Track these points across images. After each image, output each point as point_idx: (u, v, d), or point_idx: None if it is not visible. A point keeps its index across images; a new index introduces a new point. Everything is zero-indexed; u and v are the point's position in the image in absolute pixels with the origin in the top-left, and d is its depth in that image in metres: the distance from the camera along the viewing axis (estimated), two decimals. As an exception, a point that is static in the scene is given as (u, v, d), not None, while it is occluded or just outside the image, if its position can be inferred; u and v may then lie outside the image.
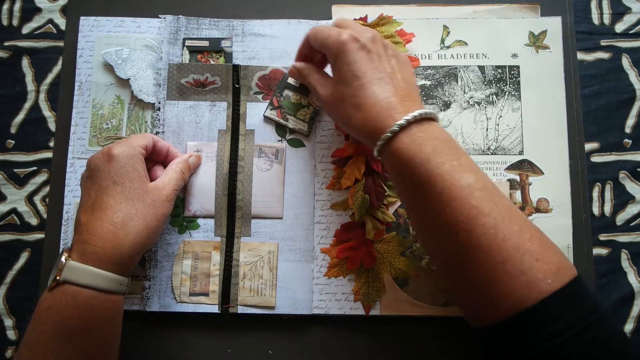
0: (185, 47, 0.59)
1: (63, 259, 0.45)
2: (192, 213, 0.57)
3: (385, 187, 0.57)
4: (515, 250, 0.38)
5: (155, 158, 0.55)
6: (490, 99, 0.59)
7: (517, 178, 0.58)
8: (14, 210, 0.60)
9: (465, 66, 0.60)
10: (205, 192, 0.57)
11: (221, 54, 0.60)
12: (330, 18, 0.61)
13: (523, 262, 0.38)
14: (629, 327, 0.58)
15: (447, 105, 0.59)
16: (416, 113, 0.43)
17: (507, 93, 0.59)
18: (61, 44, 0.62)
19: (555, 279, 0.38)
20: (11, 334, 0.58)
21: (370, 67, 0.46)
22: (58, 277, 0.44)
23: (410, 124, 0.43)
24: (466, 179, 0.41)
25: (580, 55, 0.63)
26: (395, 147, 0.43)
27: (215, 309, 0.56)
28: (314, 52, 0.53)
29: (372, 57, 0.47)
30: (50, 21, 0.64)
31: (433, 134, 0.43)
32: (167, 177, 0.52)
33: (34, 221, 0.60)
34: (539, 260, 0.38)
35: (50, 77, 0.63)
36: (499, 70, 0.60)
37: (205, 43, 0.60)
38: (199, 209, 0.57)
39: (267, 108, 0.59)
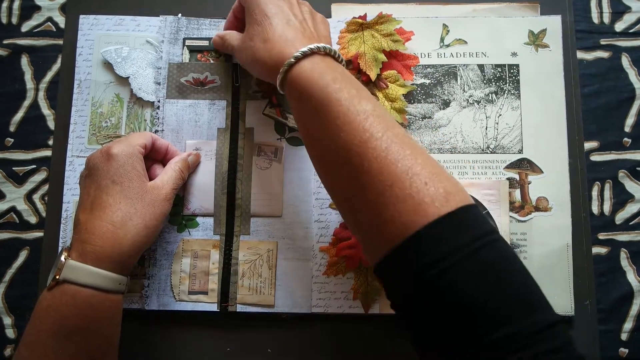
0: (185, 47, 0.59)
1: (62, 258, 0.45)
2: (191, 211, 0.57)
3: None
4: (404, 173, 0.38)
5: (154, 156, 0.55)
6: (490, 98, 0.59)
7: (517, 177, 0.58)
8: (13, 209, 0.60)
9: (464, 65, 0.60)
10: (204, 191, 0.57)
11: (221, 54, 0.60)
12: (329, 16, 0.61)
13: (412, 185, 0.37)
14: (628, 325, 0.58)
15: (446, 104, 0.59)
16: (320, 45, 0.45)
17: (506, 92, 0.59)
18: (60, 42, 0.62)
19: (444, 204, 0.37)
20: (10, 333, 0.58)
21: (280, 9, 0.48)
22: (57, 277, 0.44)
23: (313, 53, 0.45)
24: (363, 105, 0.41)
25: (580, 54, 0.63)
26: (296, 72, 0.44)
27: (214, 308, 0.56)
28: (243, 13, 0.54)
29: (283, 3, 0.49)
30: (50, 19, 0.64)
31: (334, 66, 0.45)
32: (166, 176, 0.52)
33: (33, 219, 0.60)
34: (428, 184, 0.37)
35: (49, 75, 0.63)
36: (499, 69, 0.60)
37: (206, 43, 0.60)
38: (198, 208, 0.57)
39: (266, 106, 0.59)
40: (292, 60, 0.44)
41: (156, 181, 0.51)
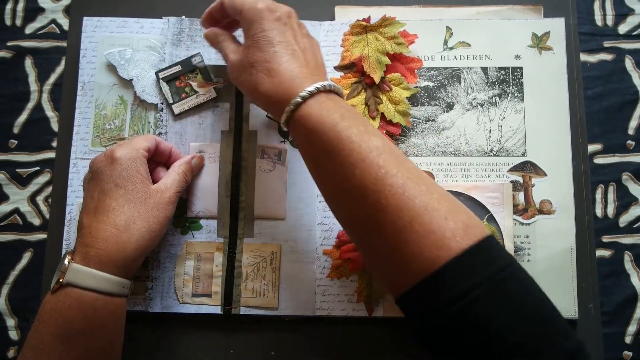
0: (160, 80, 0.59)
1: (66, 261, 0.45)
2: (194, 214, 0.57)
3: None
4: (423, 209, 0.38)
5: (158, 159, 0.55)
6: (494, 101, 0.59)
7: (520, 179, 0.58)
8: (16, 210, 0.60)
9: (468, 67, 0.60)
10: (208, 193, 0.57)
11: (197, 72, 0.59)
12: (333, 19, 0.61)
13: (432, 220, 0.38)
14: (632, 328, 0.58)
15: (450, 107, 0.59)
16: (325, 83, 0.44)
17: (510, 94, 0.59)
18: (64, 44, 0.62)
19: (465, 237, 0.37)
20: (13, 334, 0.58)
21: (285, 39, 0.47)
22: (61, 280, 0.44)
23: (319, 92, 0.44)
24: (374, 142, 0.41)
25: (584, 57, 0.63)
26: (304, 112, 0.43)
27: (217, 310, 0.56)
28: (223, 17, 0.53)
29: (287, 30, 0.48)
30: (54, 21, 0.64)
31: (339, 103, 0.45)
32: (170, 179, 0.52)
33: (36, 221, 0.60)
34: (448, 218, 0.38)
35: (53, 77, 0.63)
36: (502, 72, 0.60)
37: (178, 68, 0.59)
38: (201, 210, 0.57)
39: (270, 109, 0.59)
40: (299, 99, 0.44)
41: (160, 184, 0.51)
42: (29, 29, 0.63)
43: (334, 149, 0.41)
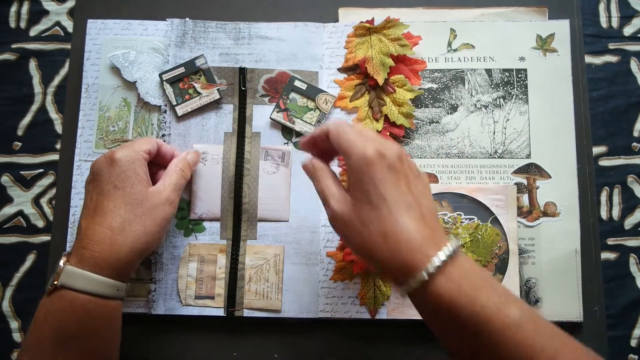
0: (164, 82, 0.59)
1: (61, 263, 0.45)
2: (198, 216, 0.57)
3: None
4: None
5: (161, 162, 0.55)
6: (498, 103, 0.59)
7: (525, 182, 0.57)
8: (20, 213, 0.60)
9: (472, 69, 0.60)
10: (211, 195, 0.57)
11: (200, 74, 0.59)
12: (337, 21, 0.61)
13: None
14: (637, 332, 0.58)
15: (454, 109, 0.59)
16: (449, 251, 0.39)
17: (514, 96, 0.59)
18: (68, 46, 0.63)
19: None
20: (17, 337, 0.58)
21: (399, 192, 0.41)
22: (56, 282, 0.44)
23: (445, 263, 0.39)
24: (513, 314, 0.37)
25: (588, 59, 0.62)
26: (433, 289, 0.38)
27: (220, 312, 0.56)
28: (326, 148, 0.47)
29: (400, 178, 0.42)
30: (58, 24, 0.64)
31: (465, 268, 0.40)
32: (168, 179, 0.52)
33: (40, 223, 0.60)
34: None
35: (57, 80, 0.63)
36: (507, 74, 0.59)
37: (181, 70, 0.59)
38: (205, 212, 0.57)
39: (273, 110, 0.59)
40: (425, 276, 0.38)
41: (158, 185, 0.51)
42: (33, 31, 0.64)
43: (473, 329, 0.37)
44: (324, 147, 0.47)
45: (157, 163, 0.55)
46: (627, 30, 0.63)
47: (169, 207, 0.50)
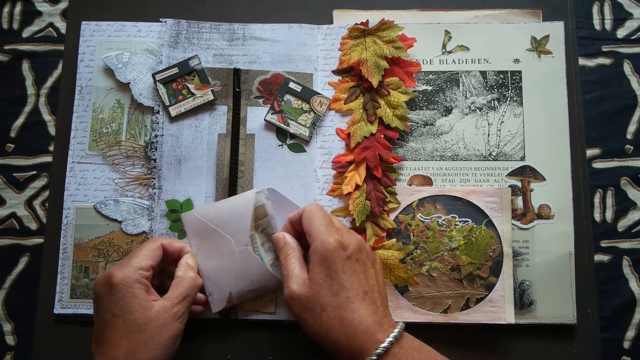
0: (157, 82, 0.58)
1: None
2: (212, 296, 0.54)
3: (386, 194, 0.56)
4: None
5: (170, 259, 0.53)
6: (492, 105, 0.59)
7: (519, 184, 0.58)
8: (13, 215, 0.60)
9: (466, 71, 0.60)
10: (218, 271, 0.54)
11: (194, 75, 0.59)
12: (331, 22, 0.61)
13: None
14: (630, 334, 0.58)
15: (448, 111, 0.59)
16: (396, 333, 0.45)
17: (508, 98, 0.59)
18: (61, 47, 0.62)
19: None
20: (10, 339, 0.58)
21: (357, 280, 0.47)
22: None
23: (392, 345, 0.44)
24: None
25: (582, 61, 0.62)
26: None
27: (215, 315, 0.55)
28: (301, 231, 0.51)
29: (358, 268, 0.48)
30: (51, 25, 0.63)
31: (408, 347, 0.45)
32: (178, 291, 0.49)
33: (33, 226, 0.60)
34: None
35: (50, 81, 0.62)
36: (501, 76, 0.59)
37: (175, 70, 0.58)
38: (217, 295, 0.54)
39: (268, 112, 0.58)
40: (374, 358, 0.44)
41: (164, 302, 0.47)
42: (26, 33, 0.63)
43: None
44: (300, 229, 0.51)
45: (167, 260, 0.52)
46: (621, 33, 0.64)
47: (176, 323, 0.47)
